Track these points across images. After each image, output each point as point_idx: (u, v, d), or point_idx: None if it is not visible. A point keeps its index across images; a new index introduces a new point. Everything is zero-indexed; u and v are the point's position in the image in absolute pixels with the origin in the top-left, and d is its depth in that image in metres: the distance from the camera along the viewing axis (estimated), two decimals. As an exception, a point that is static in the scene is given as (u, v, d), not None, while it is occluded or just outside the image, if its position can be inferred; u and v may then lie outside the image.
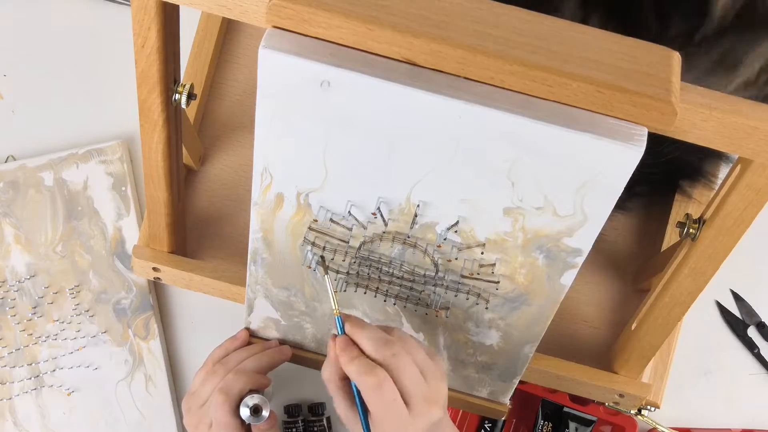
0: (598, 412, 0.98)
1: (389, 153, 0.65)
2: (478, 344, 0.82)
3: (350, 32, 0.58)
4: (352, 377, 0.71)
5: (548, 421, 0.99)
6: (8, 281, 1.01)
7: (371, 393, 0.70)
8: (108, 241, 1.02)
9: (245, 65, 1.01)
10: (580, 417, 0.98)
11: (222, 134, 1.00)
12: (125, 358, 1.00)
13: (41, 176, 1.03)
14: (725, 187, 0.70)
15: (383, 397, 0.70)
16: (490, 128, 0.61)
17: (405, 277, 0.77)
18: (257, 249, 0.78)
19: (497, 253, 0.72)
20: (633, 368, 0.89)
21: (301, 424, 0.98)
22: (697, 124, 0.61)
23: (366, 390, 0.70)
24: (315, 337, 0.89)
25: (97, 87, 1.07)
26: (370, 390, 0.70)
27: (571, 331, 0.96)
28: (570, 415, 0.98)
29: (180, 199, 0.88)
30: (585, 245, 0.69)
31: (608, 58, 0.59)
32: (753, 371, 1.04)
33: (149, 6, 0.66)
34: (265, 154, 0.68)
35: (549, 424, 0.99)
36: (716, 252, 0.73)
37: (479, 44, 0.58)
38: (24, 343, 1.00)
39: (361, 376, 0.70)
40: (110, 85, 1.07)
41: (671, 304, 0.79)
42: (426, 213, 0.70)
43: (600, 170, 0.62)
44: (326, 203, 0.71)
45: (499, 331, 0.80)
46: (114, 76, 1.06)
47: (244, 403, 0.83)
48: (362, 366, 0.70)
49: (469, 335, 0.82)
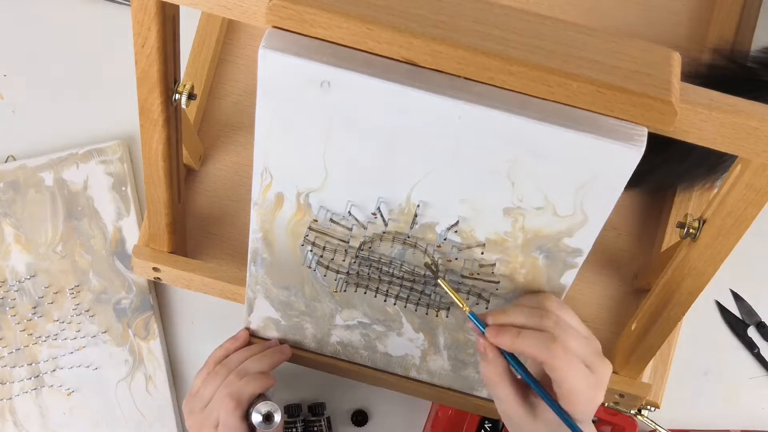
0: (598, 412, 0.97)
1: (389, 153, 0.65)
2: (478, 344, 0.82)
3: (350, 32, 0.58)
4: (532, 351, 0.67)
5: None
6: (8, 281, 1.01)
7: (561, 361, 0.66)
8: (108, 241, 1.02)
9: (245, 65, 1.01)
10: None
11: (222, 134, 1.00)
12: (125, 358, 1.00)
13: (41, 176, 1.03)
14: (725, 187, 0.70)
15: (572, 363, 0.66)
16: (490, 128, 0.61)
17: (405, 277, 0.77)
18: (257, 249, 0.78)
19: (497, 253, 0.72)
20: (633, 368, 0.89)
21: (301, 424, 0.98)
22: (696, 124, 0.61)
23: (555, 360, 0.66)
24: (315, 337, 0.89)
25: (97, 87, 1.07)
26: (560, 358, 0.66)
27: (571, 331, 0.96)
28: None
29: (180, 199, 0.88)
30: (585, 245, 0.69)
31: (608, 58, 0.59)
32: (753, 371, 1.04)
33: (149, 6, 0.66)
34: (265, 154, 0.68)
35: None
36: (716, 252, 0.73)
37: (479, 44, 0.58)
38: (24, 343, 1.00)
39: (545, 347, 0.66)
40: (110, 85, 1.07)
41: (671, 304, 0.79)
42: (426, 213, 0.70)
43: (600, 170, 0.62)
44: (326, 203, 0.71)
45: (499, 331, 0.80)
46: (114, 76, 1.06)
47: (257, 410, 0.83)
48: (541, 338, 0.67)
49: (469, 335, 0.82)
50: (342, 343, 0.89)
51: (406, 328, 0.83)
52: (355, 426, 1.01)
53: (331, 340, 0.89)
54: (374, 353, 0.89)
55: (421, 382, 0.91)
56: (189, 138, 0.91)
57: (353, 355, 0.90)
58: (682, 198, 0.97)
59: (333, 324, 0.86)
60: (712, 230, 0.72)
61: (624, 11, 1.04)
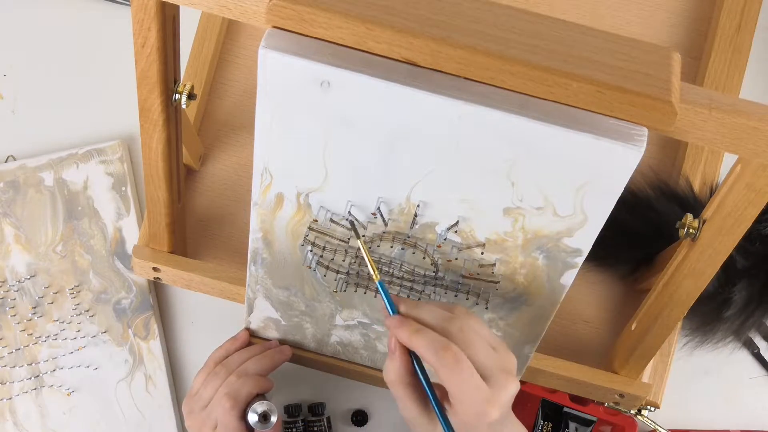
0: (598, 412, 0.98)
1: (389, 153, 0.65)
2: (478, 344, 0.82)
3: (350, 32, 0.58)
4: (423, 353, 0.64)
5: (548, 421, 0.99)
6: (8, 281, 1.01)
7: (450, 370, 0.63)
8: (108, 241, 1.02)
9: (245, 65, 1.01)
10: (580, 417, 0.98)
11: (222, 134, 1.00)
12: (125, 358, 1.00)
13: (41, 176, 1.03)
14: (725, 187, 0.70)
15: (463, 373, 0.63)
16: (489, 128, 0.61)
17: (405, 277, 0.77)
18: (257, 249, 0.78)
19: (497, 253, 0.72)
20: (633, 368, 0.89)
21: (301, 424, 0.98)
22: (697, 124, 0.61)
23: (443, 367, 0.63)
24: (315, 337, 0.89)
25: (97, 87, 1.07)
26: (448, 367, 0.63)
27: (571, 331, 0.96)
28: (570, 415, 0.98)
29: (180, 199, 0.88)
30: (585, 245, 0.69)
31: (608, 58, 0.59)
32: (753, 371, 1.04)
33: (149, 6, 0.66)
34: (265, 154, 0.68)
35: (549, 424, 0.99)
36: (716, 252, 0.73)
37: (479, 44, 0.58)
38: (24, 343, 1.00)
39: (435, 352, 0.63)
40: (110, 85, 1.07)
41: (671, 304, 0.79)
42: (426, 213, 0.70)
43: (600, 170, 0.62)
44: (326, 203, 0.71)
45: (499, 331, 0.80)
46: (114, 76, 1.06)
47: (253, 409, 0.83)
48: (435, 341, 0.64)
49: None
50: (342, 343, 0.89)
51: (406, 328, 0.83)
52: (355, 426, 1.01)
53: (331, 340, 0.89)
54: (374, 353, 0.89)
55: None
56: (189, 138, 0.91)
57: (353, 355, 0.90)
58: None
59: (333, 324, 0.86)
60: (712, 230, 0.72)
61: (623, 11, 1.04)
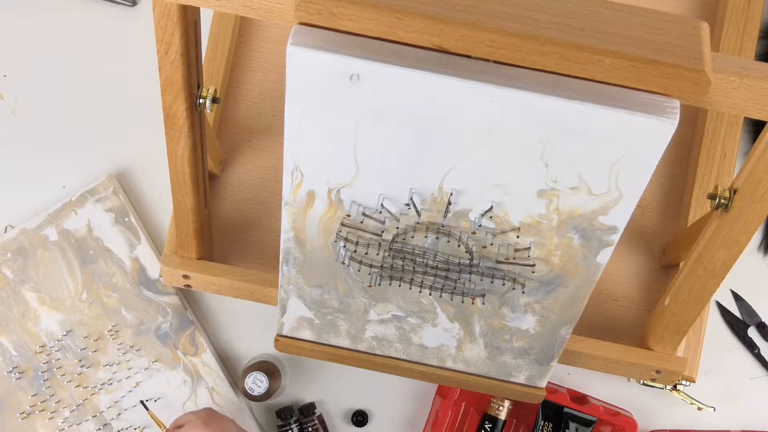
0: (598, 412, 0.97)
1: (421, 142, 0.65)
2: (515, 329, 0.82)
3: (379, 23, 0.58)
4: None
5: (548, 422, 0.99)
6: (47, 345, 1.00)
7: None
8: (128, 274, 1.01)
9: (258, 68, 1.01)
10: (580, 417, 0.97)
11: (240, 138, 1.00)
12: (183, 378, 1.00)
13: (44, 234, 1.02)
14: (755, 154, 0.70)
15: None
16: (521, 110, 0.61)
17: (440, 266, 0.77)
18: (289, 249, 0.78)
19: (532, 236, 0.72)
20: (668, 343, 0.89)
21: (296, 426, 0.98)
22: (728, 92, 0.61)
23: None
24: (349, 334, 0.89)
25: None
26: None
27: (602, 310, 0.96)
28: (570, 416, 0.98)
29: (206, 204, 0.87)
30: (621, 222, 0.69)
31: (638, 32, 0.59)
32: (753, 371, 1.04)
33: (172, 11, 0.66)
34: (295, 152, 0.68)
35: (549, 425, 0.99)
36: (749, 221, 0.73)
37: (510, 26, 0.58)
38: (82, 397, 0.99)
39: None
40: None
41: (705, 276, 0.79)
42: (459, 200, 0.70)
43: (634, 145, 0.62)
44: (358, 198, 0.71)
45: (536, 315, 0.80)
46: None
47: None
48: None
49: (505, 321, 0.82)
50: (377, 338, 0.89)
51: (440, 319, 0.83)
52: (355, 426, 1.01)
53: (365, 336, 0.89)
54: (409, 346, 0.89)
55: (457, 372, 0.91)
56: (210, 143, 0.91)
57: (388, 348, 0.90)
58: (705, 172, 0.97)
59: (367, 319, 0.86)
60: (744, 199, 0.72)
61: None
